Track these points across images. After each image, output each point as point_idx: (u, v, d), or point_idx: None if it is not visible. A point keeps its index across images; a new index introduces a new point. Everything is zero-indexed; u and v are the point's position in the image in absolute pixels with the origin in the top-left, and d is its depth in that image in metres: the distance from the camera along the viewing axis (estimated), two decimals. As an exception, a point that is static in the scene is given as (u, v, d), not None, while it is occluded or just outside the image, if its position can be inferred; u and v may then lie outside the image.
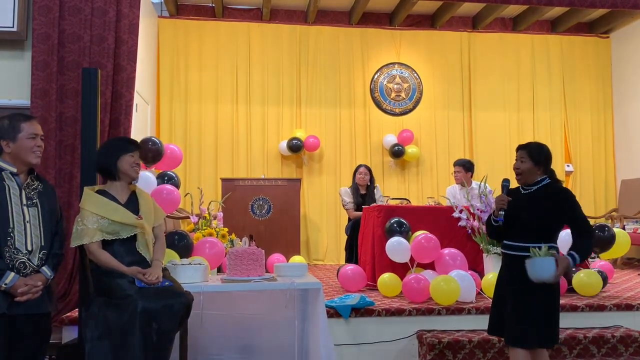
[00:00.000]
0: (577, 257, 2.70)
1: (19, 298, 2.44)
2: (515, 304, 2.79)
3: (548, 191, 2.87)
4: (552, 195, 2.84)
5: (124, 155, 2.85)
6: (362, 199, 6.18)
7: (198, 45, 7.70)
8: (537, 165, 2.89)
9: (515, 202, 2.91)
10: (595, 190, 8.27)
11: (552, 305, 2.81)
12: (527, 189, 2.94)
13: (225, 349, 3.37)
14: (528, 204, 2.86)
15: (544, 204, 2.82)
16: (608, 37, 8.49)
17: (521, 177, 2.92)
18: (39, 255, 2.55)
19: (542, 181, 2.91)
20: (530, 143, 3.00)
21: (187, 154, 7.32)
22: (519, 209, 2.87)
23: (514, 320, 2.78)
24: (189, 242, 3.90)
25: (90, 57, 4.36)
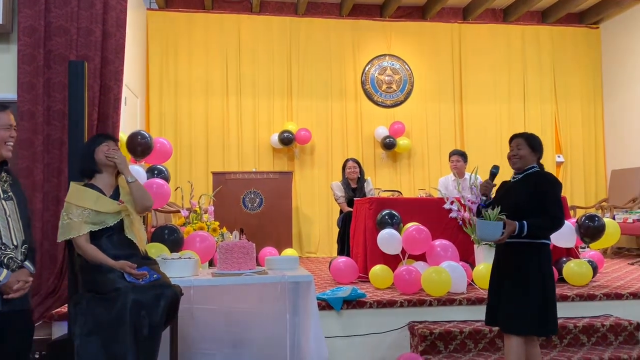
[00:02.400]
0: (525, 228, 2.78)
1: (13, 295, 2.36)
2: (511, 291, 2.84)
3: (535, 177, 2.94)
4: (538, 180, 2.92)
5: (98, 146, 2.86)
6: (354, 193, 6.18)
7: (187, 37, 7.64)
8: (534, 151, 2.99)
9: (505, 192, 3.00)
10: (586, 180, 8.31)
11: (548, 294, 2.86)
12: (515, 177, 3.02)
13: (216, 342, 3.35)
14: (515, 191, 2.94)
15: (529, 189, 2.89)
16: (598, 28, 8.51)
17: (518, 162, 2.98)
18: (22, 250, 2.49)
19: (531, 169, 2.98)
20: (525, 132, 3.10)
21: (177, 147, 7.28)
22: (506, 196, 2.94)
23: (510, 308, 2.83)
24: (179, 236, 3.88)
25: (78, 50, 4.31)
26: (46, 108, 4.24)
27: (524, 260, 2.85)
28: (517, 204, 2.86)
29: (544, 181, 2.92)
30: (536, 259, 2.86)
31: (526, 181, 2.94)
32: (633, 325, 3.81)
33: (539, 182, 2.90)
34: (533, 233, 2.81)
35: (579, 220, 4.56)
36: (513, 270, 2.86)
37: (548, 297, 2.85)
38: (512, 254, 2.87)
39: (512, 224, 2.78)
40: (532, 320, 2.81)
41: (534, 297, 2.82)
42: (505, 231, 2.77)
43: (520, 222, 2.78)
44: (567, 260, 4.56)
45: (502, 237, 2.78)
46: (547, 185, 2.90)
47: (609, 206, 7.28)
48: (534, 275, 2.84)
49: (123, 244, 2.78)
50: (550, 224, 2.87)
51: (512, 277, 2.86)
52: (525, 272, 2.84)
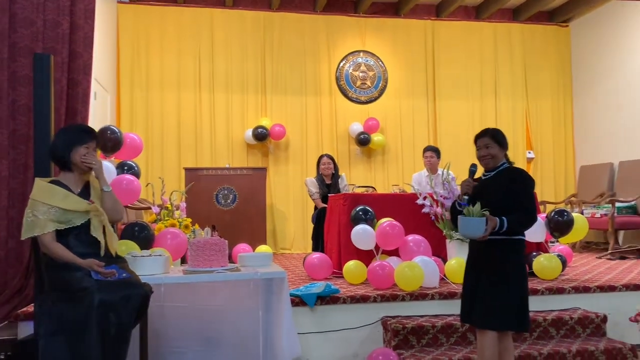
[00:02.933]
0: (505, 224, 2.78)
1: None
2: (490, 287, 2.83)
3: (508, 174, 2.94)
4: (511, 177, 2.91)
5: (77, 146, 2.76)
6: (328, 189, 6.18)
7: (159, 31, 7.52)
8: (502, 147, 2.97)
9: (479, 189, 2.97)
10: (556, 176, 8.47)
11: (525, 289, 2.89)
12: (487, 174, 3.01)
13: (188, 341, 3.32)
14: (489, 189, 2.92)
15: (503, 187, 2.88)
16: (567, 26, 8.66)
17: (490, 162, 2.97)
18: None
19: (502, 165, 2.98)
20: (488, 129, 3.06)
21: (148, 143, 7.17)
22: (480, 193, 2.93)
23: (489, 304, 2.82)
24: (149, 234, 3.82)
25: (44, 42, 4.21)
26: (11, 102, 4.13)
27: (503, 257, 2.85)
28: (493, 201, 2.83)
29: (519, 178, 2.92)
30: (515, 255, 2.89)
31: (499, 178, 2.93)
32: (600, 317, 3.89)
33: (513, 179, 2.90)
34: (511, 229, 2.81)
35: (548, 215, 4.63)
36: (492, 266, 2.84)
37: (525, 292, 2.88)
38: (490, 251, 2.85)
39: (494, 220, 2.77)
40: (511, 315, 2.82)
41: (514, 293, 2.83)
42: (487, 227, 2.75)
43: (500, 219, 2.78)
44: (537, 254, 4.63)
45: (485, 234, 2.76)
46: (522, 182, 2.91)
47: (578, 201, 7.44)
48: (514, 271, 2.85)
49: (91, 242, 2.71)
50: (527, 220, 2.88)
51: (491, 273, 2.84)
52: (505, 268, 2.84)
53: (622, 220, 6.63)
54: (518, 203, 2.85)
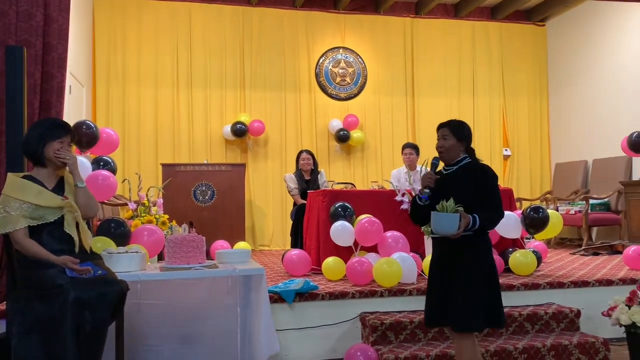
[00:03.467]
0: (477, 221, 2.67)
1: None
2: (462, 288, 2.71)
3: (469, 170, 2.83)
4: (474, 174, 2.80)
5: (51, 141, 2.69)
6: (307, 185, 6.17)
7: (136, 25, 7.41)
8: (459, 141, 2.85)
9: (441, 185, 2.86)
10: (532, 173, 8.60)
11: (497, 287, 2.81)
12: (448, 169, 2.89)
13: (165, 338, 3.28)
14: (451, 185, 2.81)
15: (466, 183, 2.78)
16: (544, 25, 8.78)
17: (444, 155, 2.86)
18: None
19: (463, 160, 2.86)
20: (452, 120, 2.94)
21: (125, 138, 7.08)
22: (443, 190, 2.80)
23: (462, 305, 2.70)
24: (126, 230, 3.77)
25: (17, 35, 4.10)
26: (-18, 96, 4.02)
27: (474, 255, 2.75)
28: (460, 199, 2.70)
29: (484, 174, 2.81)
30: (485, 252, 2.81)
31: (463, 175, 2.82)
32: (574, 312, 3.96)
33: (478, 176, 2.79)
34: (482, 227, 2.71)
35: (524, 212, 4.69)
36: (464, 265, 2.73)
37: (498, 289, 2.82)
38: (460, 249, 2.73)
39: (467, 217, 2.65)
40: (489, 313, 2.75)
41: (491, 291, 2.76)
42: (461, 224, 2.63)
43: (473, 216, 2.67)
44: (513, 250, 4.69)
45: (459, 231, 2.64)
46: (488, 179, 2.81)
47: (553, 198, 7.56)
48: (486, 269, 2.78)
49: (65, 239, 2.66)
50: (496, 218, 2.79)
51: (463, 273, 2.72)
52: (477, 266, 2.74)
53: (596, 217, 6.76)
54: (484, 200, 2.75)
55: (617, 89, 7.38)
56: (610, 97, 7.48)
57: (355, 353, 3.43)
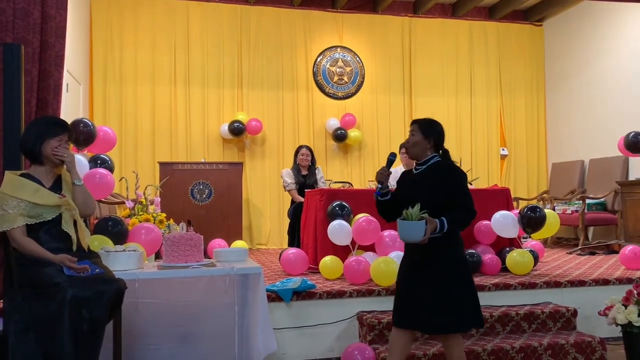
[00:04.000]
0: (445, 225, 2.64)
1: None
2: (440, 290, 2.68)
3: (438, 169, 2.80)
4: (442, 174, 2.77)
5: (49, 139, 2.69)
6: (304, 179, 6.17)
7: (134, 23, 7.39)
8: (426, 138, 2.82)
9: (407, 183, 2.87)
10: (529, 173, 8.62)
11: (473, 285, 2.79)
12: (418, 169, 2.87)
13: (163, 337, 3.28)
14: (420, 184, 2.80)
15: (434, 183, 2.74)
16: (541, 25, 8.80)
17: (409, 150, 2.86)
18: None
19: (432, 159, 2.84)
20: (424, 118, 2.93)
21: (122, 136, 7.06)
22: (412, 190, 2.80)
23: (446, 307, 2.67)
24: (123, 228, 3.75)
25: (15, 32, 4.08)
26: (-22, 93, 4.00)
27: (447, 255, 2.73)
28: (431, 199, 2.69)
29: (452, 174, 2.78)
30: (457, 251, 2.78)
31: (432, 174, 2.78)
32: (570, 311, 3.97)
33: (446, 176, 2.76)
34: (451, 229, 2.67)
35: (521, 211, 4.70)
36: (438, 267, 2.70)
37: (474, 288, 2.80)
38: (432, 251, 2.69)
39: (433, 222, 2.61)
40: (469, 313, 2.73)
41: (467, 290, 2.74)
42: (427, 230, 2.58)
43: (440, 220, 2.63)
44: (510, 250, 4.70)
45: (425, 238, 2.59)
46: (457, 178, 2.78)
47: (550, 198, 7.58)
48: (462, 267, 2.76)
49: (63, 237, 2.65)
50: (467, 218, 2.75)
51: (440, 275, 2.69)
52: (454, 267, 2.72)
53: (592, 217, 6.78)
54: (454, 200, 2.72)
55: (614, 88, 7.40)
56: (607, 97, 7.51)
57: (353, 352, 3.43)
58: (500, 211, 4.74)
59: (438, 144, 2.87)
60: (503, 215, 4.68)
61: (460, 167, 2.90)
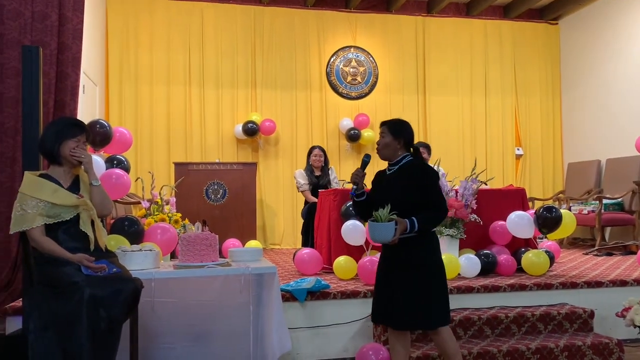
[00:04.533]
0: (416, 224, 2.71)
1: None
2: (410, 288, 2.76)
3: (409, 169, 2.85)
4: (413, 173, 2.82)
5: (67, 140, 2.72)
6: (317, 180, 6.18)
7: (149, 24, 7.46)
8: (396, 138, 2.88)
9: (381, 184, 2.95)
10: (544, 173, 8.55)
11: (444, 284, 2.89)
12: (391, 169, 2.94)
13: (178, 336, 3.30)
14: (393, 185, 2.86)
15: (407, 183, 2.81)
16: (557, 24, 8.72)
17: (380, 151, 2.91)
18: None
19: (404, 159, 2.89)
20: (393, 119, 2.99)
21: (137, 137, 7.12)
22: (385, 190, 2.87)
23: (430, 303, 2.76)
24: (139, 228, 3.79)
25: (33, 34, 4.16)
26: (-2, 94, 4.08)
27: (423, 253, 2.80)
28: (403, 199, 2.75)
29: (422, 174, 2.83)
30: (431, 249, 2.85)
31: (403, 174, 2.84)
32: (587, 313, 3.93)
33: (418, 176, 2.81)
34: (422, 228, 2.75)
35: (537, 212, 4.67)
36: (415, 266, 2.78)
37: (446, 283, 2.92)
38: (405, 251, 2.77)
39: (403, 223, 2.68)
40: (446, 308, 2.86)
41: (443, 286, 2.86)
42: (397, 231, 2.66)
43: (410, 220, 2.70)
44: (526, 250, 4.67)
45: (395, 238, 2.68)
46: (428, 178, 2.83)
47: (566, 198, 7.50)
48: (437, 265, 2.84)
49: (81, 237, 2.69)
50: (438, 216, 2.81)
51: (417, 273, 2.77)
52: (429, 263, 2.81)
53: (609, 217, 6.70)
54: (426, 199, 2.78)
55: (630, 87, 7.31)
56: (623, 95, 7.41)
57: (367, 352, 3.43)
58: (516, 211, 4.71)
59: (408, 143, 2.92)
60: (518, 216, 4.64)
61: (431, 166, 2.99)
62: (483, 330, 3.76)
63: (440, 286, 2.86)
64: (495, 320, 3.78)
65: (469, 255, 4.49)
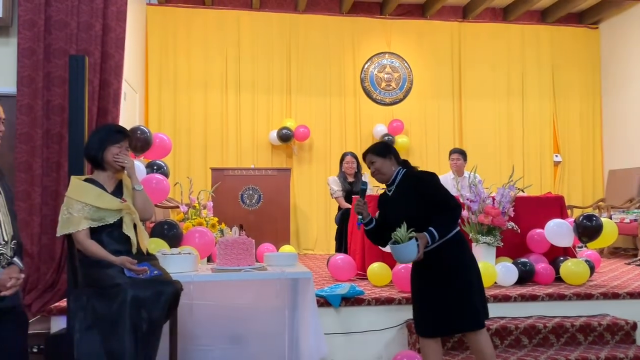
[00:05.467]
0: (435, 234, 2.72)
1: (6, 292, 2.28)
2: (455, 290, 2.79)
3: (405, 183, 2.90)
4: (410, 186, 2.86)
5: (110, 146, 2.82)
6: (350, 186, 6.19)
7: (187, 33, 7.62)
8: (385, 158, 2.92)
9: (387, 204, 2.96)
10: (584, 180, 8.34)
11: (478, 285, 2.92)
12: (390, 189, 2.96)
13: (215, 338, 3.36)
14: (397, 204, 2.88)
15: (409, 197, 2.83)
16: (597, 28, 8.52)
17: (383, 177, 2.93)
18: (11, 246, 2.40)
19: (398, 174, 2.93)
20: (370, 147, 3.03)
21: (176, 143, 7.25)
22: (392, 212, 2.89)
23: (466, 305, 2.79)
24: (178, 232, 3.88)
25: (78, 44, 4.32)
26: (45, 102, 4.24)
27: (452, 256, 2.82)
28: (411, 215, 2.77)
29: (418, 182, 2.86)
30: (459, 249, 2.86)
31: (402, 191, 2.88)
32: (630, 324, 3.82)
33: (414, 185, 2.85)
34: (443, 235, 2.76)
35: (576, 220, 4.57)
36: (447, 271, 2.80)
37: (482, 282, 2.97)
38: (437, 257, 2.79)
39: (423, 238, 2.70)
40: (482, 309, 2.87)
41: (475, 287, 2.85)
42: (419, 246, 2.68)
43: (428, 231, 2.72)
44: (565, 259, 4.57)
45: (420, 254, 2.70)
46: (424, 184, 2.85)
47: (606, 206, 7.30)
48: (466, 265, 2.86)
49: (123, 240, 2.77)
50: (452, 215, 2.82)
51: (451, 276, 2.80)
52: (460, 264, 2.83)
53: (652, 226, 6.49)
54: (434, 204, 2.79)
55: (675, 93, 7.08)
56: (668, 101, 7.19)
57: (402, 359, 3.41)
58: (554, 219, 4.62)
59: (397, 157, 2.97)
60: (557, 224, 4.56)
61: (424, 171, 3.00)
62: (520, 340, 3.70)
63: (473, 287, 2.83)
64: (533, 330, 3.72)
65: (506, 264, 4.43)
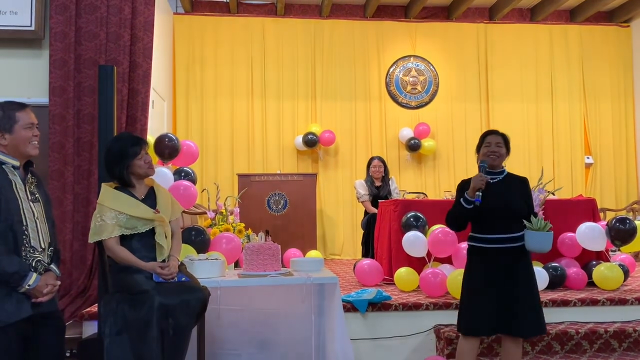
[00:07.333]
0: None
1: (42, 299, 2.36)
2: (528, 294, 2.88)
3: (514, 178, 3.04)
4: (520, 182, 3.03)
5: (133, 160, 2.80)
6: (378, 190, 6.17)
7: (213, 41, 7.72)
8: (507, 149, 3.06)
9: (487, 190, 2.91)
10: (616, 182, 8.13)
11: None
12: (495, 178, 3.00)
13: (242, 343, 3.38)
14: (505, 193, 2.94)
15: (517, 193, 2.96)
16: (629, 26, 8.32)
17: (497, 160, 3.00)
18: (48, 253, 2.48)
19: (504, 170, 3.05)
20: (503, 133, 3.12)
21: (203, 149, 7.35)
22: (498, 198, 2.91)
23: (534, 311, 2.87)
24: (205, 238, 3.92)
25: (107, 54, 4.41)
26: (76, 111, 4.34)
27: (529, 260, 2.96)
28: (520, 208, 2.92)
29: (525, 182, 3.06)
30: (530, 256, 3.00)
31: (511, 183, 2.99)
32: (666, 330, 3.71)
33: (522, 184, 3.02)
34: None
35: (609, 223, 4.46)
36: (526, 272, 2.92)
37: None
38: (521, 257, 2.91)
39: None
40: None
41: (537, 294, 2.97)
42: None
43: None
44: (597, 263, 4.47)
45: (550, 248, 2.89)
46: (529, 187, 3.06)
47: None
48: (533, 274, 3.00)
49: (153, 247, 2.79)
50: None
51: (527, 279, 2.91)
52: (531, 271, 2.96)
53: (690, 229, 6.28)
54: (528, 206, 2.97)
55: None
56: None
57: (430, 365, 3.38)
58: (586, 223, 4.52)
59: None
60: (589, 227, 4.46)
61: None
62: (552, 346, 3.62)
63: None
64: (565, 336, 3.64)
65: (537, 268, 4.32)
